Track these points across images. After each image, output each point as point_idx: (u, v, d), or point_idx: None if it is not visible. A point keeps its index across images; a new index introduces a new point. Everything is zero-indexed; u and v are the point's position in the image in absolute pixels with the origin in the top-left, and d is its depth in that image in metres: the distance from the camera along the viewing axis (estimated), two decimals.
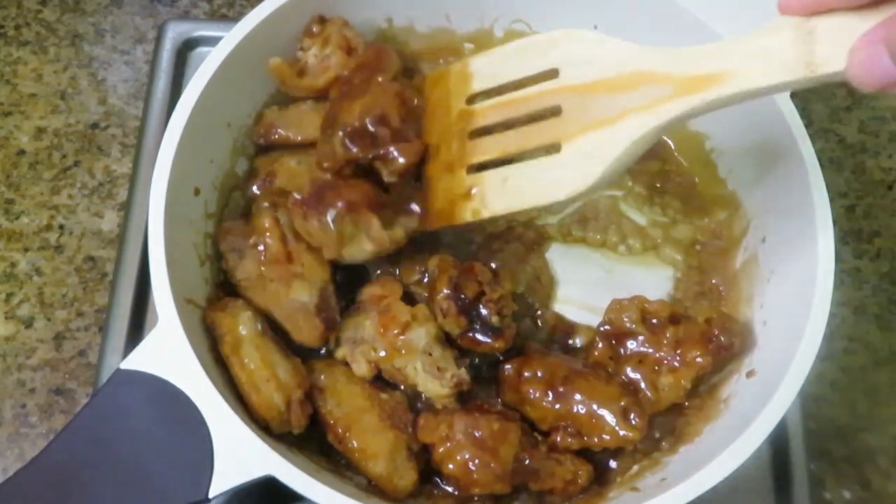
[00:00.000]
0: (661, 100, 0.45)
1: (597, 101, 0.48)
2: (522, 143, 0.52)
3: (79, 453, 0.49)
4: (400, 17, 0.69)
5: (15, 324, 0.69)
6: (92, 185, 0.74)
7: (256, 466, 0.49)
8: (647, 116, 0.46)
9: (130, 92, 0.79)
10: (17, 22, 0.82)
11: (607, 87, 0.48)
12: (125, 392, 0.50)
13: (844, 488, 0.65)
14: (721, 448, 0.51)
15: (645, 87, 0.46)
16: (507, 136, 0.54)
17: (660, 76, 0.46)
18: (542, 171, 0.51)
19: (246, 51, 0.61)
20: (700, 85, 0.44)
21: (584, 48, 0.50)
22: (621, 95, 0.47)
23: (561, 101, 0.50)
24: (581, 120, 0.49)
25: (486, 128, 0.55)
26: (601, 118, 0.48)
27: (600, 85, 0.48)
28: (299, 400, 0.54)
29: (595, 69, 0.49)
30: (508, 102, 0.54)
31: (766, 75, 0.43)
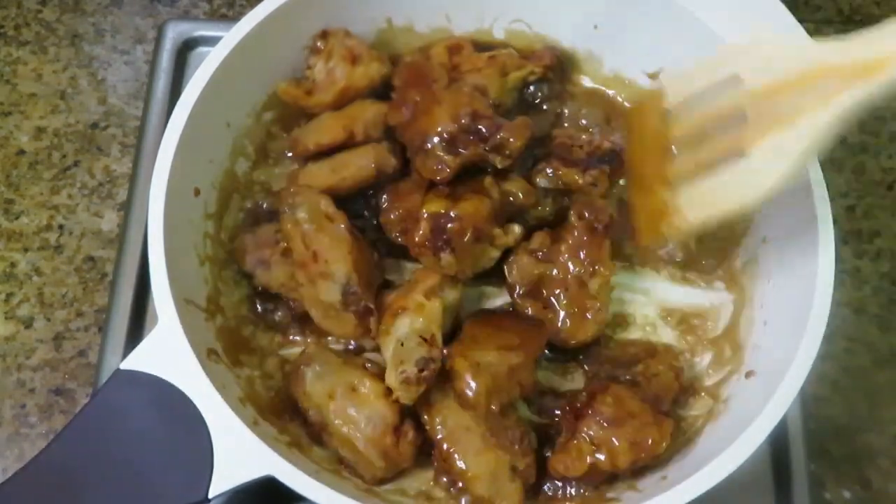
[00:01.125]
0: (836, 91, 0.47)
1: (777, 104, 0.50)
2: (712, 154, 0.54)
3: (78, 454, 0.49)
4: (399, 17, 0.68)
5: (15, 324, 0.69)
6: (92, 185, 0.74)
7: (256, 467, 0.49)
8: (821, 112, 0.48)
9: (130, 92, 0.79)
10: (16, 22, 0.82)
11: (787, 88, 0.50)
12: (125, 392, 0.50)
13: (844, 488, 0.65)
14: (721, 448, 0.51)
15: (822, 81, 0.48)
16: (698, 150, 0.55)
17: (831, 68, 0.47)
18: (731, 178, 0.53)
19: (245, 51, 0.60)
20: (866, 72, 0.46)
21: (762, 52, 0.52)
22: (801, 92, 0.49)
23: (746, 108, 0.52)
24: (765, 123, 0.51)
25: (679, 142, 0.57)
26: (781, 119, 0.50)
27: (780, 86, 0.50)
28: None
29: (774, 72, 0.51)
30: (699, 117, 0.56)
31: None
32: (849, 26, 0.83)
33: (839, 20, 0.84)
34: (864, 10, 0.85)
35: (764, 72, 0.51)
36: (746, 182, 0.52)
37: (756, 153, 0.51)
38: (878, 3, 0.85)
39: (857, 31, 0.48)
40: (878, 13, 0.85)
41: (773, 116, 0.50)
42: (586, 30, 0.69)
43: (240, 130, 0.64)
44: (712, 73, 0.55)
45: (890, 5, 0.85)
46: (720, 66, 0.54)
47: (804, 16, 0.82)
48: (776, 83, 0.50)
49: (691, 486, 0.50)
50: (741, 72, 0.53)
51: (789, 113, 0.49)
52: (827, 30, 0.83)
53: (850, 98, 0.47)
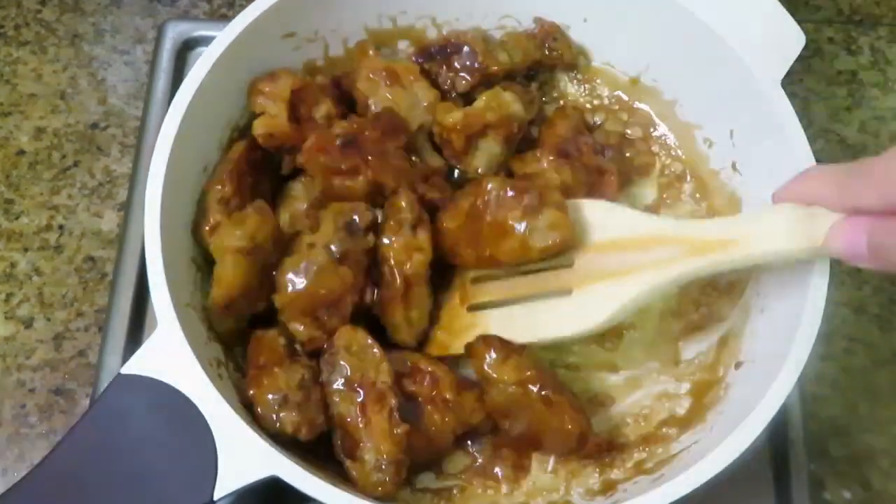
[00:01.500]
0: (672, 260, 0.49)
1: (609, 258, 0.51)
2: (532, 288, 0.55)
3: (82, 460, 0.49)
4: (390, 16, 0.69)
5: (14, 324, 0.69)
6: (92, 185, 0.74)
7: (260, 467, 0.48)
8: (657, 273, 0.49)
9: (130, 92, 0.79)
10: (16, 22, 0.81)
11: (620, 246, 0.51)
12: (126, 396, 0.50)
13: (844, 488, 0.65)
14: (720, 439, 0.50)
15: (657, 248, 0.49)
16: (515, 282, 0.56)
17: (672, 239, 0.49)
18: (552, 309, 0.53)
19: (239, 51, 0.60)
20: (710, 248, 0.48)
21: (598, 216, 0.53)
22: (633, 254, 0.50)
23: (574, 257, 0.53)
24: (592, 272, 0.52)
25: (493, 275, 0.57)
26: (612, 271, 0.51)
27: (614, 245, 0.51)
28: None
29: (609, 232, 0.52)
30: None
31: (775, 245, 0.47)
32: (849, 26, 0.84)
33: (839, 20, 0.84)
34: (864, 10, 0.85)
35: (596, 231, 0.52)
36: (568, 315, 0.53)
37: (579, 294, 0.52)
38: (877, 3, 0.86)
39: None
40: (878, 13, 0.85)
41: (603, 268, 0.51)
42: (576, 21, 0.69)
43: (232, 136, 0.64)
44: None
45: (889, 5, 0.85)
46: None
47: (804, 16, 0.83)
48: (609, 242, 0.51)
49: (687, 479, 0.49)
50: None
51: (621, 267, 0.50)
52: (827, 30, 0.84)
53: (686, 267, 0.48)
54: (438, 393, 0.55)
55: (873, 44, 0.83)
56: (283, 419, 0.52)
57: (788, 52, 0.60)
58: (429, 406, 0.55)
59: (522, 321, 0.55)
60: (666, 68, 0.67)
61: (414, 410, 0.55)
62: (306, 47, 0.66)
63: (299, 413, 0.52)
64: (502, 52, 0.66)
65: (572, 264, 0.53)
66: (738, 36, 0.60)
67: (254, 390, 0.53)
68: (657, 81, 0.68)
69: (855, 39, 0.83)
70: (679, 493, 0.49)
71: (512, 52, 0.66)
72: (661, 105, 0.69)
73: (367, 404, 0.53)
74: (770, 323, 0.57)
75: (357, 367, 0.54)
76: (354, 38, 0.68)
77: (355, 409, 0.53)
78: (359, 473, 0.52)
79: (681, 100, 0.67)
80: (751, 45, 0.60)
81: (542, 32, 0.68)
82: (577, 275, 0.52)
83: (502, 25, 0.70)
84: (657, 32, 0.65)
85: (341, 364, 0.54)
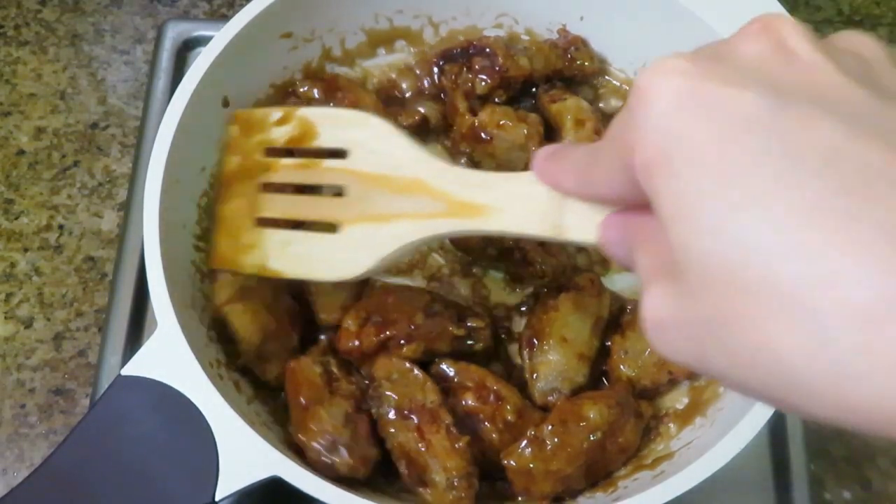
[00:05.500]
0: (432, 214, 0.48)
1: (377, 195, 0.50)
2: (307, 212, 0.54)
3: (82, 461, 0.49)
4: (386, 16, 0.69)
5: (14, 324, 0.69)
6: (92, 185, 0.74)
7: (262, 468, 0.48)
8: (416, 225, 0.48)
9: (130, 92, 0.78)
10: (16, 22, 0.81)
11: (388, 184, 0.50)
12: (127, 398, 0.50)
13: (844, 488, 0.65)
14: (720, 435, 0.50)
15: (420, 196, 0.48)
16: (294, 202, 0.55)
17: (435, 192, 0.48)
18: (319, 247, 0.52)
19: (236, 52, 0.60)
20: (466, 212, 0.46)
21: (372, 137, 0.51)
22: (399, 197, 0.49)
23: (345, 183, 0.51)
24: (360, 208, 0.50)
25: (277, 185, 0.55)
26: (378, 213, 0.50)
27: (382, 180, 0.50)
28: None
29: (379, 162, 0.50)
30: (301, 165, 0.54)
31: (520, 225, 0.45)
32: (849, 26, 0.83)
33: (839, 20, 0.84)
34: (864, 10, 0.85)
35: (369, 157, 0.51)
36: (331, 259, 0.52)
37: (346, 234, 0.51)
38: (877, 3, 0.85)
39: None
40: (877, 13, 0.85)
41: (369, 207, 0.50)
42: (572, 20, 0.69)
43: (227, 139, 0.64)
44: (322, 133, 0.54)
45: (889, 5, 0.85)
46: (330, 130, 0.53)
47: (804, 16, 0.83)
48: (381, 175, 0.50)
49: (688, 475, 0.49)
50: (348, 147, 0.52)
51: (385, 211, 0.49)
52: (827, 30, 0.84)
53: (443, 226, 0.48)
54: (500, 413, 0.56)
55: None
56: (337, 465, 0.52)
57: None
58: (487, 424, 0.55)
59: (296, 250, 0.53)
60: None
61: (474, 426, 0.55)
62: (304, 47, 0.66)
63: (351, 454, 0.52)
64: (524, 57, 0.66)
65: (343, 194, 0.51)
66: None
67: (302, 436, 0.53)
68: None
69: None
70: (680, 490, 0.49)
71: (533, 59, 0.66)
72: None
73: (423, 427, 0.53)
74: None
75: (403, 393, 0.54)
76: (352, 38, 0.69)
77: (413, 434, 0.53)
78: (434, 498, 0.52)
79: None
80: None
81: (566, 42, 0.68)
82: (349, 209, 0.51)
83: (499, 24, 0.70)
84: (655, 30, 0.65)
85: (387, 395, 0.54)
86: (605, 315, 0.60)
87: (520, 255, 0.58)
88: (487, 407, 0.56)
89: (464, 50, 0.67)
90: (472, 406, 0.56)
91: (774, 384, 0.26)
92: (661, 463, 0.55)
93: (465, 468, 0.52)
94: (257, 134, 0.56)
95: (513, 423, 0.56)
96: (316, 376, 0.55)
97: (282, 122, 0.55)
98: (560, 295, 0.59)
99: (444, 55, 0.68)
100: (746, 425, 0.50)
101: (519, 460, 0.54)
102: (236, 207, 0.56)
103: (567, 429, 0.54)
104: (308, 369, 0.55)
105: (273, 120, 0.55)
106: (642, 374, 0.59)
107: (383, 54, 0.71)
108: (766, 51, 0.30)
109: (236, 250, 0.55)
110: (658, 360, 0.59)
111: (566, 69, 0.68)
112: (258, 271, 0.54)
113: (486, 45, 0.66)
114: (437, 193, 0.48)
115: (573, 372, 0.58)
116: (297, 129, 0.54)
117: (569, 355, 0.58)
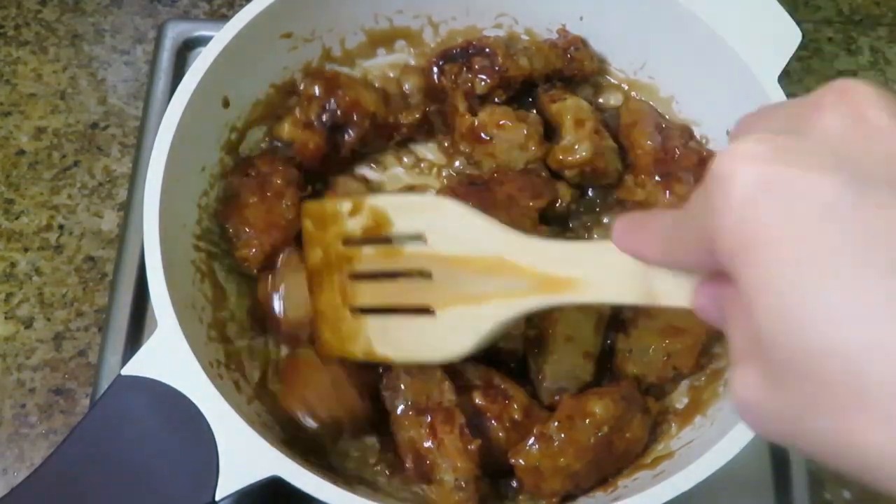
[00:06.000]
0: (521, 293, 0.48)
1: (464, 277, 0.50)
2: (399, 298, 0.53)
3: (82, 462, 0.49)
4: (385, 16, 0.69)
5: (14, 324, 0.69)
6: (92, 185, 0.74)
7: (262, 468, 0.48)
8: (506, 306, 0.48)
9: (130, 92, 0.78)
10: (16, 22, 0.81)
11: (472, 266, 0.49)
12: (127, 398, 0.50)
13: (844, 488, 0.65)
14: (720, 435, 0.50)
15: (505, 276, 0.48)
16: (385, 287, 0.54)
17: (518, 269, 0.47)
18: (417, 330, 0.52)
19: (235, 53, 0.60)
20: (554, 287, 0.46)
21: (449, 222, 0.51)
22: (486, 278, 0.49)
23: (431, 267, 0.51)
24: (450, 290, 0.50)
25: (365, 273, 0.55)
26: (469, 295, 0.50)
27: (464, 262, 0.50)
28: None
29: (458, 245, 0.50)
30: (383, 253, 0.53)
31: (612, 295, 0.45)
32: (848, 26, 0.83)
33: (839, 20, 0.84)
34: (863, 10, 0.85)
35: (448, 241, 0.50)
36: (431, 343, 0.52)
37: (444, 318, 0.51)
38: (877, 3, 0.85)
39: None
40: (877, 13, 0.85)
41: (458, 289, 0.50)
42: (572, 20, 0.69)
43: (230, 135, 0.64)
44: (396, 220, 0.53)
45: (889, 5, 0.85)
46: (404, 217, 0.53)
47: (804, 16, 0.83)
48: (460, 258, 0.50)
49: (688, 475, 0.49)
50: (425, 232, 0.51)
51: (473, 293, 0.49)
52: (826, 30, 0.84)
53: (531, 303, 0.48)
54: (507, 412, 0.56)
55: (873, 44, 0.83)
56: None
57: (785, 48, 0.60)
58: (494, 422, 0.55)
59: (395, 335, 0.54)
60: (663, 65, 0.67)
61: (481, 425, 0.55)
62: (304, 47, 0.67)
63: None
64: (523, 57, 0.66)
65: (431, 276, 0.51)
66: (734, 32, 0.60)
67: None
68: (654, 78, 0.68)
69: (855, 40, 0.83)
70: (680, 489, 0.49)
71: (533, 59, 0.66)
72: (659, 102, 0.69)
73: (437, 425, 0.53)
74: None
75: (420, 389, 0.54)
76: (352, 38, 0.69)
77: (425, 430, 0.53)
78: (438, 496, 0.52)
79: (678, 96, 0.68)
80: (747, 41, 0.60)
81: (565, 42, 0.68)
82: (438, 291, 0.51)
83: (498, 24, 0.70)
84: (654, 29, 0.65)
85: (402, 388, 0.55)
86: (606, 313, 0.61)
87: None
88: (495, 405, 0.56)
89: (463, 50, 0.67)
90: (479, 404, 0.56)
91: (858, 468, 0.27)
92: (661, 462, 0.55)
93: (474, 471, 0.52)
94: (332, 226, 0.55)
95: (520, 421, 0.56)
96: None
97: (353, 212, 0.54)
98: None
99: (444, 55, 0.68)
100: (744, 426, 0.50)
101: (527, 458, 0.54)
102: (329, 299, 0.56)
103: (573, 425, 0.54)
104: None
105: (344, 211, 0.55)
106: (648, 371, 0.59)
107: (383, 54, 0.71)
108: (845, 126, 0.29)
109: (341, 340, 0.55)
110: (663, 355, 0.59)
111: (566, 69, 0.68)
112: (368, 357, 0.54)
113: (486, 45, 0.66)
114: (521, 270, 0.47)
115: (579, 370, 0.58)
116: (370, 219, 0.53)
117: (574, 354, 0.58)
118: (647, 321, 0.60)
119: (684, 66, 0.65)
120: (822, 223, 0.27)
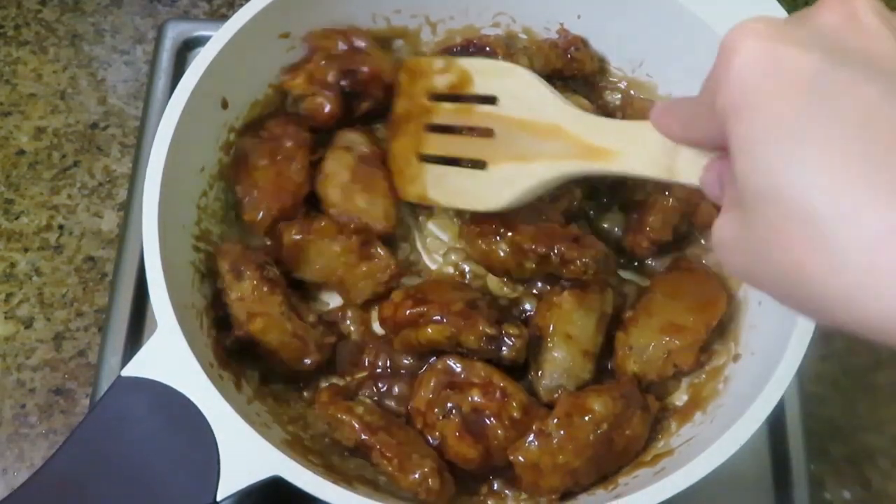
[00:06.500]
0: (566, 156, 0.54)
1: (520, 138, 0.57)
2: (461, 150, 0.61)
3: (83, 463, 0.49)
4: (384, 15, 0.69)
5: (14, 324, 0.69)
6: (92, 185, 0.74)
7: (263, 468, 0.48)
8: (552, 166, 0.55)
9: (130, 92, 0.78)
10: (16, 22, 0.81)
11: (530, 128, 0.56)
12: (127, 399, 0.50)
13: (844, 488, 0.65)
14: (720, 432, 0.50)
15: (557, 140, 0.55)
16: (451, 141, 0.61)
17: (569, 136, 0.54)
18: (470, 181, 0.60)
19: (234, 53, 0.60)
20: (594, 155, 0.53)
21: (521, 87, 0.58)
22: (540, 141, 0.56)
23: (494, 126, 0.59)
24: (506, 149, 0.58)
25: (438, 126, 0.62)
26: (520, 153, 0.57)
27: (525, 124, 0.57)
28: None
29: (523, 108, 0.57)
30: (458, 110, 0.61)
31: (639, 166, 0.50)
32: None
33: None
34: None
35: (518, 104, 0.58)
36: (478, 192, 0.59)
37: (494, 173, 0.58)
38: None
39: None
40: None
41: (514, 148, 0.57)
42: (570, 19, 0.69)
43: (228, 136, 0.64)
44: (478, 81, 0.60)
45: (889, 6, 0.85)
46: (486, 79, 0.60)
47: None
48: (525, 120, 0.57)
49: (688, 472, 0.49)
50: (499, 94, 0.59)
51: (526, 152, 0.56)
52: None
53: (574, 167, 0.54)
54: (506, 410, 0.56)
55: None
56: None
57: None
58: (493, 420, 0.56)
59: (449, 183, 0.61)
60: (661, 64, 0.67)
61: (480, 423, 0.56)
62: (302, 47, 0.66)
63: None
64: (524, 56, 0.66)
65: (492, 135, 0.58)
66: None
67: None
68: (652, 77, 0.68)
69: None
70: (680, 487, 0.49)
71: (533, 58, 0.67)
72: (657, 100, 0.69)
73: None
74: (768, 315, 0.57)
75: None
76: None
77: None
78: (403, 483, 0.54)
79: (676, 94, 0.67)
80: None
81: (566, 42, 0.68)
82: (496, 148, 0.58)
83: (496, 23, 0.70)
84: (652, 27, 0.65)
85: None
86: (609, 311, 0.61)
87: (557, 257, 0.58)
88: (493, 403, 0.56)
89: (464, 48, 0.67)
90: (478, 402, 0.56)
91: (803, 297, 0.32)
92: (661, 460, 0.55)
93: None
94: (422, 80, 0.63)
95: (518, 419, 0.56)
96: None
97: (444, 70, 0.62)
98: (564, 292, 0.59)
99: (445, 53, 0.68)
100: (746, 421, 0.50)
101: (526, 455, 0.54)
102: (403, 145, 0.63)
103: (572, 422, 0.54)
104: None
105: (437, 68, 0.63)
106: (648, 368, 0.59)
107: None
108: (838, 20, 0.34)
109: (402, 181, 0.63)
110: (663, 352, 0.59)
111: (566, 69, 0.68)
112: (419, 199, 0.63)
113: (487, 44, 0.67)
114: (571, 137, 0.54)
115: (578, 369, 0.59)
116: (457, 77, 0.61)
117: (574, 352, 0.58)
118: (647, 319, 0.60)
119: (682, 64, 0.65)
120: (800, 91, 0.32)
